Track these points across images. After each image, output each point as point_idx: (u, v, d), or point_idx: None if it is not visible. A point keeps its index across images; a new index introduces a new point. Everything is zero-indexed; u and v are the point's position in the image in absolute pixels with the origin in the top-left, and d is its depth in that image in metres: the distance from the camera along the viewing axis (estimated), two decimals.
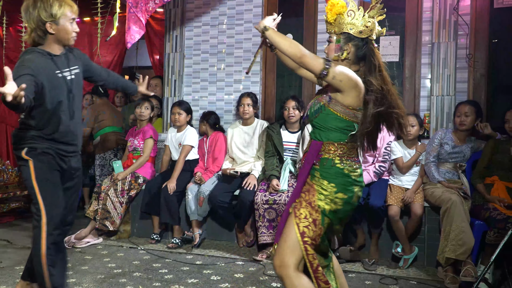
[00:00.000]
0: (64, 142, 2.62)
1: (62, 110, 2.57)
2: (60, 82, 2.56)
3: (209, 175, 4.35)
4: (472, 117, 3.75)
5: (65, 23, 2.52)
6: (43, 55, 2.51)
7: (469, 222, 3.36)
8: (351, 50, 2.20)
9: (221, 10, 4.98)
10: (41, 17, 2.46)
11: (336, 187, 2.15)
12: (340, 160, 2.18)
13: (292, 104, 4.13)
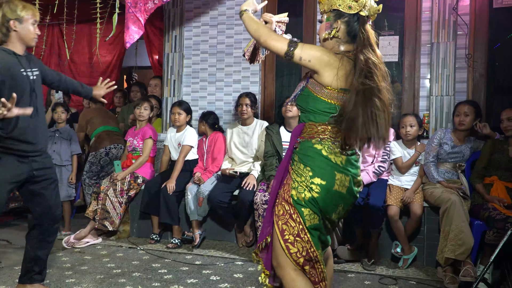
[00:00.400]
0: (23, 140, 2.70)
1: (21, 107, 2.60)
2: (24, 80, 2.71)
3: (208, 175, 4.34)
4: (471, 116, 3.75)
5: (28, 24, 2.72)
6: (8, 53, 2.68)
7: (468, 222, 3.37)
8: (340, 27, 2.10)
9: (220, 10, 4.98)
10: (6, 16, 2.66)
11: (312, 171, 2.02)
12: (319, 140, 2.05)
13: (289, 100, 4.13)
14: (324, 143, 2.04)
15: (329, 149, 2.03)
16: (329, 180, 2.01)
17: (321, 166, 2.02)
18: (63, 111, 4.78)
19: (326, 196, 2.01)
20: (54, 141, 4.70)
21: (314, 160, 2.03)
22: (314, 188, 2.00)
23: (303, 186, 2.01)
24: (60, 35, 6.71)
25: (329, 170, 2.02)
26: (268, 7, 4.85)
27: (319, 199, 2.00)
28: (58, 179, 3.08)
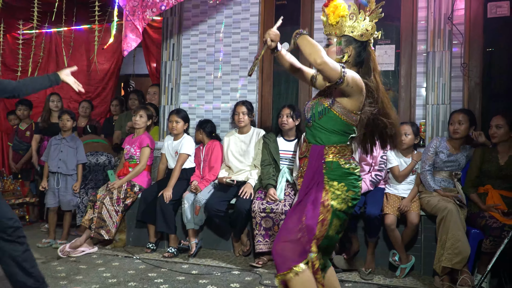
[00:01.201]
0: None
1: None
2: None
3: (205, 183, 4.34)
4: (466, 125, 3.76)
5: None
6: None
7: (465, 230, 3.37)
8: (351, 53, 2.27)
9: (218, 19, 5.00)
10: None
11: (347, 186, 2.22)
12: (344, 161, 2.25)
13: (287, 111, 4.14)
14: (347, 162, 2.26)
15: (353, 166, 2.27)
16: (357, 190, 2.27)
17: (351, 182, 2.25)
18: (68, 119, 4.74)
19: (353, 203, 2.26)
20: (60, 149, 4.67)
21: (346, 179, 2.24)
22: (348, 199, 2.23)
23: (341, 198, 2.21)
24: (58, 42, 6.73)
25: (356, 182, 2.27)
26: (265, 16, 4.88)
27: (349, 209, 2.25)
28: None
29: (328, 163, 2.24)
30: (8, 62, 6.75)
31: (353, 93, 2.17)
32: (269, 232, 3.88)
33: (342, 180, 2.22)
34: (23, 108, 5.83)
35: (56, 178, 4.66)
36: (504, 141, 3.63)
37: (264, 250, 3.87)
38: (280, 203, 3.89)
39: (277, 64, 4.84)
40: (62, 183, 4.65)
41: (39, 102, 6.57)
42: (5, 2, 4.86)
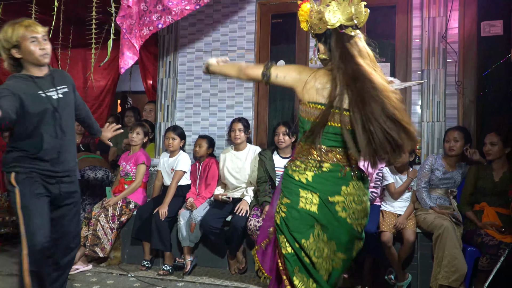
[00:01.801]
0: (49, 161, 2.61)
1: (45, 128, 2.58)
2: (43, 101, 2.60)
3: (201, 200, 4.32)
4: (461, 142, 3.78)
5: (26, 44, 2.54)
6: (23, 78, 2.58)
7: (461, 248, 3.37)
8: (322, 48, 2.08)
9: (214, 37, 5.04)
10: (5, 47, 2.55)
11: (282, 192, 2.05)
12: (289, 163, 2.10)
13: (282, 129, 4.15)
14: (292, 163, 2.06)
15: (295, 167, 2.03)
16: (293, 198, 1.99)
17: (287, 186, 2.03)
18: None
19: (292, 214, 1.97)
20: None
21: (284, 182, 2.07)
22: (282, 208, 2.01)
23: (277, 209, 2.05)
24: (54, 60, 6.74)
25: (293, 188, 2.00)
26: (261, 34, 4.93)
27: (286, 219, 1.99)
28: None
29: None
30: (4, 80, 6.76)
31: (291, 83, 2.05)
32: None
33: (282, 186, 2.06)
34: None
35: None
36: (498, 158, 3.65)
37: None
38: None
39: None
40: None
41: None
42: (2, 20, 4.89)
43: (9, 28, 2.55)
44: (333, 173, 1.99)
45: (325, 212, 1.97)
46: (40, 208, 2.54)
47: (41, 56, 2.58)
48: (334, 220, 1.98)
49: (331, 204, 1.97)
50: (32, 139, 2.56)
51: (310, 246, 1.97)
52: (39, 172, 2.59)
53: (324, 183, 1.98)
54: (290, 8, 4.86)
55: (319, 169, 1.99)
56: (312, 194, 1.97)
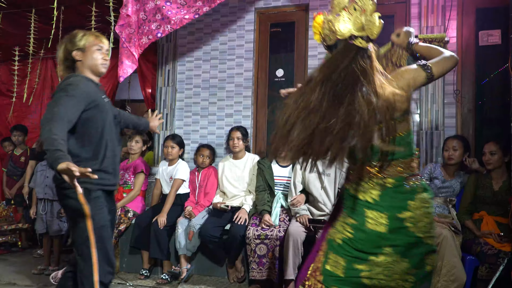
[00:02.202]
0: (111, 172, 2.53)
1: (108, 135, 2.52)
2: (106, 106, 2.57)
3: (200, 209, 4.32)
4: (460, 151, 3.79)
5: (91, 50, 2.56)
6: (87, 79, 2.54)
7: (460, 257, 3.36)
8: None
9: (213, 45, 5.06)
10: (67, 48, 2.55)
11: (344, 211, 1.96)
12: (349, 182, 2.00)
13: None
14: (353, 183, 1.95)
15: (357, 186, 1.93)
16: (359, 219, 1.89)
17: (350, 206, 1.94)
18: None
19: (359, 236, 1.88)
20: (46, 175, 4.66)
21: (347, 202, 1.97)
22: (347, 228, 1.91)
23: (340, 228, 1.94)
24: (53, 68, 6.76)
25: (358, 208, 1.91)
26: (260, 43, 4.95)
27: (350, 240, 1.88)
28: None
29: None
30: (3, 88, 6.77)
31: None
32: (263, 260, 3.84)
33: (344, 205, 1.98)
34: (18, 134, 5.82)
35: (43, 203, 4.63)
36: (498, 167, 3.65)
37: (257, 278, 3.83)
38: (275, 229, 3.87)
39: (271, 89, 4.88)
40: (48, 208, 4.62)
41: (34, 128, 6.56)
42: (1, 28, 4.90)
43: (80, 32, 2.60)
44: (398, 188, 1.92)
45: (395, 231, 1.87)
46: (109, 230, 2.48)
47: (101, 65, 2.60)
48: (405, 237, 1.88)
49: (401, 221, 1.88)
50: (99, 145, 2.47)
51: (379, 266, 1.87)
52: (103, 188, 2.49)
53: (391, 200, 1.90)
54: (288, 17, 4.88)
55: (383, 187, 1.91)
56: (379, 214, 1.88)
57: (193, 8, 4.27)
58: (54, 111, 2.22)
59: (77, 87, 2.39)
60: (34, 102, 6.62)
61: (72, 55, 2.55)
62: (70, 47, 2.55)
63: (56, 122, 2.16)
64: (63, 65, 2.60)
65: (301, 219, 3.82)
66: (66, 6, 4.64)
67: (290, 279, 3.63)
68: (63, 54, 2.58)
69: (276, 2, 4.86)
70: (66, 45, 2.57)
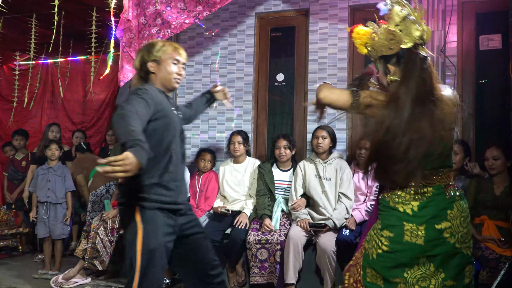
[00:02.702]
0: (172, 188, 2.32)
1: (174, 149, 2.35)
2: (175, 119, 2.42)
3: (200, 213, 4.31)
4: (460, 155, 3.78)
5: (167, 62, 2.43)
6: (159, 91, 2.41)
7: None
8: (393, 70, 1.97)
9: (213, 50, 5.07)
10: (144, 57, 2.44)
11: (381, 224, 1.94)
12: (388, 191, 1.97)
13: (283, 143, 4.16)
14: (393, 193, 1.94)
15: (397, 198, 1.92)
16: (397, 232, 1.88)
17: (388, 218, 1.93)
18: (57, 148, 4.76)
19: (396, 248, 1.88)
20: (48, 178, 4.67)
21: (384, 214, 1.96)
22: (383, 241, 1.90)
23: (374, 242, 1.94)
24: (54, 73, 6.78)
25: (396, 221, 1.90)
26: (260, 47, 4.96)
27: (387, 253, 1.89)
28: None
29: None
30: (4, 93, 6.80)
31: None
32: (265, 264, 3.83)
33: (379, 216, 1.95)
34: (20, 138, 5.83)
35: (45, 207, 4.63)
36: (501, 172, 3.64)
37: (260, 282, 3.82)
38: (276, 234, 3.87)
39: (272, 94, 4.89)
40: (52, 212, 4.63)
41: (35, 132, 6.57)
42: (2, 33, 4.92)
43: (159, 42, 2.47)
44: (437, 196, 1.91)
45: (432, 242, 1.86)
46: (163, 254, 2.23)
47: (175, 79, 2.46)
48: (442, 248, 1.87)
49: (439, 232, 1.87)
50: (161, 159, 2.28)
51: (414, 278, 1.88)
52: (162, 206, 2.26)
53: (430, 210, 1.89)
54: (289, 21, 4.89)
55: (423, 196, 1.90)
56: (417, 226, 1.87)
57: (193, 12, 4.28)
58: (126, 108, 2.08)
59: (147, 92, 2.26)
60: (35, 107, 6.65)
61: (147, 66, 2.44)
62: (146, 57, 2.43)
63: (130, 118, 2.00)
64: (137, 75, 2.50)
65: (302, 224, 3.82)
66: (67, 11, 4.65)
67: (291, 283, 3.63)
68: (139, 63, 2.47)
69: (277, 7, 4.87)
70: (143, 54, 2.45)
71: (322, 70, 4.58)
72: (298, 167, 4.10)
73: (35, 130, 6.68)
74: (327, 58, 4.61)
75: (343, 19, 4.59)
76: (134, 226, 2.17)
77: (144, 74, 2.46)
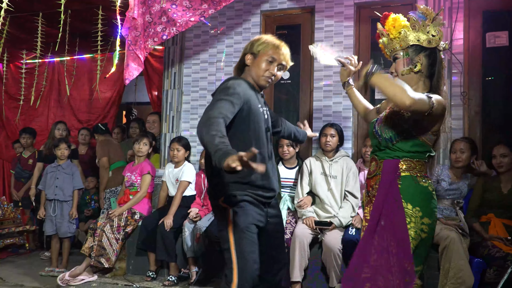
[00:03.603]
0: (261, 186, 2.34)
1: (259, 147, 2.33)
2: (261, 116, 2.42)
3: (206, 211, 4.32)
4: (467, 153, 3.77)
5: (262, 59, 2.42)
6: (249, 86, 2.42)
7: (468, 259, 3.34)
8: (423, 61, 2.24)
9: (219, 48, 5.07)
10: (246, 48, 2.47)
11: (421, 211, 2.09)
12: (422, 177, 2.16)
13: (286, 141, 4.15)
14: (428, 179, 2.17)
15: (432, 188, 2.17)
16: (433, 219, 2.14)
17: (428, 206, 2.13)
18: (66, 148, 4.79)
19: (431, 234, 2.17)
20: (56, 176, 4.70)
21: (422, 200, 2.12)
22: (424, 228, 2.10)
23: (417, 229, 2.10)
24: (61, 71, 6.81)
25: (434, 210, 2.15)
26: None
27: (427, 239, 2.14)
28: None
29: (403, 178, 2.12)
30: (11, 91, 6.83)
31: (435, 116, 2.13)
32: None
33: (416, 203, 2.08)
34: (27, 137, 5.87)
35: (53, 205, 4.66)
36: (508, 170, 3.63)
37: None
38: None
39: (277, 91, 4.88)
40: (58, 210, 4.66)
41: (41, 130, 6.61)
42: (9, 32, 4.94)
43: (268, 38, 2.47)
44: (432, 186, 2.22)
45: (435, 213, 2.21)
46: (254, 235, 2.27)
47: (263, 77, 2.43)
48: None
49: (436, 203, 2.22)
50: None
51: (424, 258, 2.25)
52: (252, 199, 2.31)
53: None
54: (294, 19, 4.88)
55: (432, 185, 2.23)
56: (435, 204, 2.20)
57: (199, 10, 4.29)
58: (209, 114, 2.09)
59: (235, 91, 2.25)
60: (42, 105, 6.69)
61: (244, 57, 2.46)
62: (249, 49, 2.45)
63: (212, 125, 2.01)
64: (238, 64, 2.53)
65: (307, 221, 3.81)
66: (73, 10, 4.67)
67: (297, 281, 3.63)
68: (242, 53, 2.50)
69: (282, 5, 4.86)
70: (247, 45, 2.48)
71: (328, 68, 4.57)
72: (304, 164, 4.09)
73: (42, 128, 6.72)
74: None
75: (349, 17, 4.58)
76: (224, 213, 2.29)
77: (241, 65, 2.50)
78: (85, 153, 5.80)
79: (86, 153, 5.82)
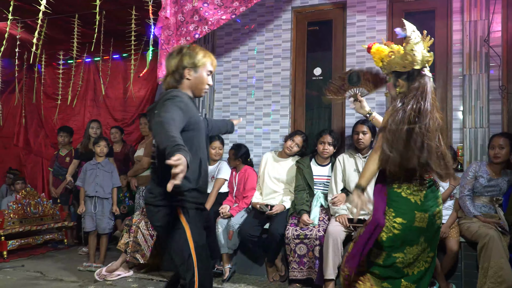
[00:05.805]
0: (203, 191, 2.49)
1: (203, 153, 2.45)
2: (202, 124, 2.51)
3: (238, 210, 4.33)
4: (507, 149, 3.66)
5: (203, 73, 2.50)
6: (188, 96, 2.48)
7: (508, 258, 3.25)
8: (402, 84, 2.50)
9: (250, 45, 5.08)
10: (183, 63, 2.47)
11: (394, 212, 2.42)
12: (398, 184, 2.45)
13: (329, 139, 4.11)
14: (405, 185, 2.43)
15: (409, 190, 2.43)
16: (409, 219, 2.39)
17: (401, 207, 2.42)
18: (105, 145, 4.88)
19: (406, 232, 2.40)
20: (96, 174, 4.79)
21: (396, 203, 2.43)
22: (396, 226, 2.40)
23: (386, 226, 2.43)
24: (96, 71, 6.96)
25: (408, 210, 2.40)
26: (297, 42, 4.93)
27: (397, 236, 2.40)
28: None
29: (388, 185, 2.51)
30: (49, 91, 7.03)
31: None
32: (304, 259, 3.82)
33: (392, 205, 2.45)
34: (64, 135, 6.02)
35: (94, 202, 4.76)
36: None
37: (298, 277, 3.82)
38: (314, 229, 3.85)
39: (309, 88, 4.86)
40: (99, 207, 4.75)
41: (78, 129, 6.77)
42: (46, 34, 5.08)
43: (201, 51, 2.52)
44: (432, 188, 2.46)
45: (430, 224, 2.43)
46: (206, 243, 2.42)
47: (204, 90, 2.56)
48: (433, 227, 2.45)
49: (434, 217, 2.44)
50: (194, 163, 2.36)
51: (411, 254, 2.44)
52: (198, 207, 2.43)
53: (430, 199, 2.43)
54: (326, 15, 4.84)
55: (427, 188, 2.44)
56: (424, 214, 2.41)
57: (230, 8, 4.30)
58: (165, 116, 2.17)
59: (182, 101, 2.33)
60: (78, 104, 6.85)
61: (183, 71, 2.48)
62: (185, 63, 2.46)
63: (169, 125, 2.10)
64: (171, 77, 2.51)
65: (340, 219, 3.78)
66: (107, 10, 4.76)
67: (330, 279, 3.61)
68: (175, 66, 2.49)
69: (313, 1, 4.83)
70: (182, 58, 2.47)
71: (360, 64, 4.51)
72: (337, 161, 4.06)
73: (79, 127, 6.89)
74: (365, 51, 4.53)
75: (382, 11, 4.51)
76: (181, 226, 2.33)
77: (178, 78, 2.50)
78: (119, 151, 5.90)
79: (120, 151, 5.93)
